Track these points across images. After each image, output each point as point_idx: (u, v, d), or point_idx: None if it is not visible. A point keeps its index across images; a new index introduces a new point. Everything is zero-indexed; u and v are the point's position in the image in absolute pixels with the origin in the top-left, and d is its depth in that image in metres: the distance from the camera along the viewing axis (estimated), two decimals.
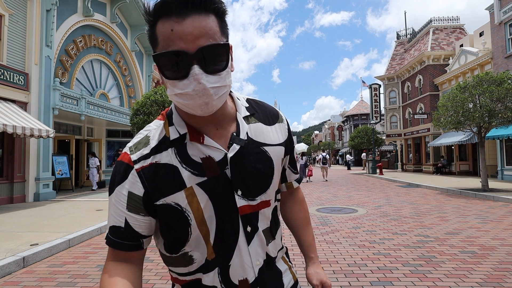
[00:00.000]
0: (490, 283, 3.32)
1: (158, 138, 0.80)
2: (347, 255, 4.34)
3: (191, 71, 0.67)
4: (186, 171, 0.77)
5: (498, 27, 16.33)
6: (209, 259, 0.81)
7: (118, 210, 0.77)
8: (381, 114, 30.20)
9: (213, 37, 0.68)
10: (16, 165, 9.59)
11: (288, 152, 0.94)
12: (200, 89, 0.68)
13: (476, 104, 10.73)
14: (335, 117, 66.55)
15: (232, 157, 0.79)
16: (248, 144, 0.82)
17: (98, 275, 3.73)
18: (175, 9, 0.66)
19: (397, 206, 8.53)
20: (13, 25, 9.70)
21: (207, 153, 0.78)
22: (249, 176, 0.81)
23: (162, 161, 0.78)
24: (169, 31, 0.67)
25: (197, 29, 0.66)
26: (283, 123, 0.94)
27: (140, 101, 11.10)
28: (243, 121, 0.84)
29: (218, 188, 0.78)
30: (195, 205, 0.77)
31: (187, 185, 0.77)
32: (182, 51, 0.66)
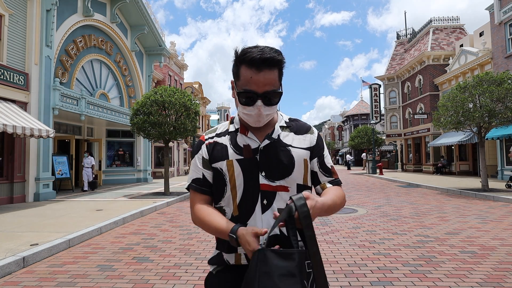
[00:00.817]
0: (490, 283, 3.32)
1: (222, 130, 1.25)
2: (347, 255, 4.33)
3: (256, 103, 1.08)
4: (231, 150, 1.17)
5: (498, 27, 16.33)
6: (234, 215, 1.15)
7: (197, 168, 1.21)
8: (381, 114, 30.19)
9: (274, 85, 1.09)
10: (16, 165, 9.59)
11: (315, 156, 1.21)
12: (258, 114, 1.10)
13: (476, 104, 10.73)
14: (335, 117, 66.54)
15: (262, 147, 1.15)
16: (276, 142, 1.17)
17: (98, 275, 3.73)
18: (256, 64, 1.05)
19: (397, 206, 8.53)
20: (13, 25, 9.70)
21: (247, 142, 1.17)
22: (272, 163, 1.14)
23: (219, 141, 1.21)
24: (249, 77, 1.07)
25: (266, 80, 1.07)
26: (313, 135, 1.24)
27: (140, 101, 11.09)
28: (278, 128, 1.20)
29: (249, 166, 1.14)
30: (231, 173, 1.15)
31: (230, 158, 1.16)
32: (254, 91, 1.08)
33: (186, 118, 11.04)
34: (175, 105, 10.73)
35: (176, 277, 3.64)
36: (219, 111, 48.23)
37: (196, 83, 31.73)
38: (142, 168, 17.76)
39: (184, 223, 6.64)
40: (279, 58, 1.08)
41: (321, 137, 1.26)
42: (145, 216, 7.72)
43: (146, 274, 3.73)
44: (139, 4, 15.85)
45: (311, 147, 1.21)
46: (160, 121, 10.62)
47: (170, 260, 4.26)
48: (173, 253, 4.58)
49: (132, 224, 6.71)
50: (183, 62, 28.13)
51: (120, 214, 7.14)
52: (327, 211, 1.05)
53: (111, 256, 4.48)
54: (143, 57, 18.40)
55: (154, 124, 10.63)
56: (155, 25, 17.43)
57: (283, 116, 1.27)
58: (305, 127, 1.25)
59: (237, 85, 1.12)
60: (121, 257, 4.40)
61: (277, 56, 1.08)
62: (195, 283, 3.45)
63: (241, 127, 1.20)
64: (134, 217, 7.28)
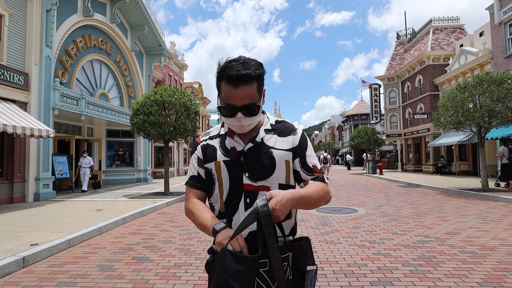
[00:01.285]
0: (490, 283, 3.32)
1: (214, 133, 1.37)
2: (347, 255, 4.33)
3: (237, 115, 1.17)
4: (220, 152, 1.28)
5: (498, 27, 16.32)
6: (221, 211, 1.27)
7: (194, 166, 1.35)
8: (381, 114, 30.18)
9: (252, 98, 1.17)
10: (16, 165, 9.59)
11: (297, 156, 1.28)
12: (239, 125, 1.20)
13: (476, 104, 10.72)
14: (335, 117, 66.55)
15: (246, 150, 1.25)
16: (259, 145, 1.25)
17: (98, 275, 3.73)
18: (233, 81, 1.14)
19: (397, 206, 8.53)
20: (13, 25, 9.70)
21: (234, 145, 1.27)
22: (254, 165, 1.23)
23: (211, 143, 1.33)
24: (228, 92, 1.16)
25: (244, 95, 1.15)
26: (295, 136, 1.30)
27: (140, 101, 11.09)
28: (263, 131, 1.28)
29: (234, 167, 1.25)
30: (219, 173, 1.27)
31: (218, 159, 1.27)
32: (234, 105, 1.17)
33: (186, 118, 11.04)
34: (175, 105, 10.73)
35: (176, 277, 3.64)
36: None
37: (196, 83, 31.73)
38: (142, 168, 17.76)
39: (184, 223, 6.64)
40: (255, 74, 1.14)
41: (305, 137, 1.32)
42: (145, 216, 7.72)
43: (146, 274, 3.73)
44: (139, 4, 15.85)
45: (293, 148, 1.28)
46: (160, 121, 10.62)
47: (170, 260, 4.26)
48: (173, 253, 4.58)
49: (132, 224, 6.71)
50: (183, 62, 28.12)
51: (120, 214, 7.14)
52: (301, 201, 1.12)
53: (111, 256, 4.48)
54: (143, 57, 18.39)
55: (154, 124, 10.62)
56: (155, 25, 17.43)
57: (270, 119, 1.33)
58: (289, 129, 1.32)
59: (219, 97, 1.22)
60: (121, 257, 4.40)
61: (254, 72, 1.14)
62: (195, 283, 3.45)
63: (229, 131, 1.30)
64: (134, 217, 7.28)
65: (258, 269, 1.05)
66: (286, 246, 1.12)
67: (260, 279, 1.05)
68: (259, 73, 1.16)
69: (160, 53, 18.69)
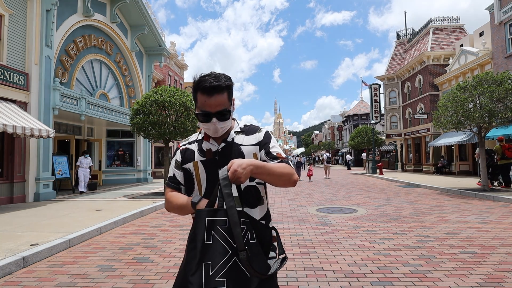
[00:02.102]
0: (490, 283, 3.32)
1: (193, 139, 1.58)
2: (347, 255, 4.33)
3: (212, 120, 1.39)
4: (197, 153, 1.49)
5: (498, 27, 16.32)
6: None
7: (172, 168, 1.55)
8: (381, 114, 30.16)
9: (224, 105, 1.39)
10: (16, 165, 9.59)
11: (262, 148, 1.48)
12: (214, 128, 1.41)
13: (476, 104, 10.72)
14: (335, 117, 66.52)
15: (220, 149, 1.47)
16: (230, 144, 1.48)
17: (98, 275, 3.73)
18: (207, 91, 1.36)
19: (397, 206, 8.53)
20: (13, 25, 9.70)
21: (209, 146, 1.49)
22: (227, 161, 1.33)
23: (190, 147, 1.54)
24: (203, 101, 1.38)
25: (217, 102, 1.37)
26: (260, 133, 1.54)
27: (140, 101, 11.09)
28: (233, 133, 1.51)
29: (210, 165, 1.45)
30: (196, 171, 1.48)
31: (195, 160, 1.48)
32: (209, 112, 1.38)
33: (186, 118, 11.04)
34: (175, 105, 10.73)
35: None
36: None
37: None
38: (142, 168, 17.76)
39: (184, 223, 6.64)
40: (225, 85, 1.38)
41: (269, 134, 1.55)
42: (145, 216, 7.72)
43: (146, 274, 3.73)
44: (139, 4, 15.85)
45: (259, 142, 1.49)
46: (160, 121, 10.62)
47: (170, 260, 4.26)
48: (173, 253, 4.58)
49: (132, 224, 6.71)
50: (183, 62, 28.12)
51: (120, 214, 7.14)
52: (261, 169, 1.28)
53: (111, 256, 4.48)
54: (143, 57, 18.39)
55: (154, 124, 10.62)
56: (155, 25, 17.43)
57: (239, 124, 1.58)
58: (255, 129, 1.56)
59: (196, 106, 1.43)
60: (121, 257, 4.40)
61: (224, 83, 1.37)
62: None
63: (205, 135, 1.52)
64: (134, 217, 7.28)
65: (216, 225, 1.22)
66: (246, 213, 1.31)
67: (217, 233, 1.21)
68: (228, 84, 1.40)
69: (160, 53, 18.69)
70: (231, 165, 1.23)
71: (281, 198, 10.55)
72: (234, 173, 1.20)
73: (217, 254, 1.18)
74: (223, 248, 1.19)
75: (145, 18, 16.47)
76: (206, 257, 1.18)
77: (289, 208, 8.47)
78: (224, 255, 1.18)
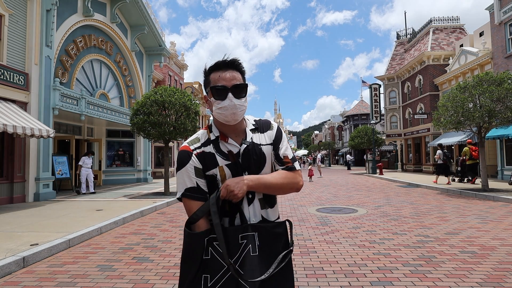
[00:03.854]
0: (490, 283, 3.32)
1: (204, 139, 1.39)
2: (347, 255, 4.33)
3: (228, 96, 1.29)
4: (219, 157, 1.34)
5: (498, 27, 16.32)
6: (227, 209, 1.34)
7: (190, 178, 1.32)
8: (381, 114, 30.18)
9: (240, 81, 1.32)
10: (16, 165, 9.59)
11: (273, 149, 1.41)
12: (231, 105, 1.29)
13: (476, 104, 10.72)
14: (335, 117, 66.51)
15: (242, 151, 1.35)
16: (251, 145, 1.37)
17: (98, 275, 3.73)
18: (221, 67, 1.31)
19: (397, 206, 8.53)
20: (13, 25, 9.70)
21: (229, 148, 1.35)
22: (250, 163, 1.34)
23: (207, 150, 1.35)
24: (217, 77, 1.31)
25: (232, 76, 1.31)
26: (272, 130, 1.45)
27: (140, 101, 11.09)
28: (249, 132, 1.41)
29: (235, 168, 1.33)
30: (223, 177, 1.33)
31: (220, 165, 1.33)
32: (224, 86, 1.30)
33: (186, 118, 11.04)
34: (175, 105, 10.73)
35: (176, 277, 3.64)
36: None
37: (196, 83, 31.73)
38: (142, 168, 17.76)
39: (184, 223, 6.64)
40: (239, 62, 1.34)
41: (280, 131, 1.46)
42: (145, 216, 7.71)
43: (146, 274, 3.73)
44: (139, 4, 15.85)
45: (272, 141, 1.42)
46: (160, 121, 10.62)
47: (170, 260, 4.26)
48: (173, 253, 4.58)
49: (132, 224, 6.71)
50: (183, 62, 28.12)
51: (120, 214, 7.14)
52: (258, 182, 1.29)
53: (111, 256, 4.48)
54: (143, 57, 18.39)
55: (154, 124, 10.62)
56: (155, 25, 17.43)
57: (249, 120, 1.46)
58: (267, 124, 1.46)
59: (208, 92, 1.36)
60: (121, 257, 4.40)
61: (238, 62, 1.33)
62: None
63: (221, 134, 1.37)
64: (134, 217, 7.28)
65: (212, 242, 1.26)
66: (250, 226, 1.30)
67: (213, 249, 1.26)
68: (242, 67, 1.35)
69: (160, 53, 18.69)
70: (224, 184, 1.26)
71: (281, 198, 10.55)
72: (226, 187, 1.24)
73: (215, 267, 1.25)
74: (219, 263, 1.24)
75: (145, 18, 16.47)
76: (205, 270, 1.26)
77: (289, 208, 8.47)
78: (221, 268, 1.24)
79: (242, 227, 1.29)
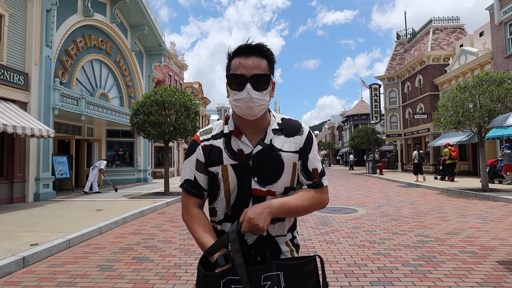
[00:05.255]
0: (490, 283, 3.32)
1: (217, 131, 1.23)
2: (347, 255, 4.33)
3: (246, 86, 1.10)
4: (226, 154, 1.18)
5: (498, 27, 16.32)
6: (228, 214, 1.20)
7: (190, 170, 1.23)
8: (381, 114, 30.17)
9: (263, 70, 1.12)
10: (16, 165, 9.59)
11: (300, 159, 1.21)
12: (248, 97, 1.10)
13: (476, 104, 10.72)
14: (335, 117, 66.52)
15: (255, 153, 1.16)
16: (268, 148, 1.17)
17: (98, 275, 3.73)
18: (244, 52, 1.12)
19: (397, 206, 8.53)
20: (13, 25, 9.70)
21: (241, 147, 1.18)
22: (263, 169, 1.16)
23: (215, 144, 1.20)
24: (238, 63, 1.12)
25: (254, 64, 1.11)
26: (302, 136, 1.23)
27: (140, 101, 11.09)
28: (271, 132, 1.20)
29: (242, 171, 1.16)
30: (225, 177, 1.17)
31: (224, 163, 1.17)
32: (243, 74, 1.10)
33: (186, 118, 11.04)
34: (175, 105, 10.73)
35: (176, 277, 3.64)
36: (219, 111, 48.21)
37: (196, 83, 31.73)
38: (142, 168, 17.76)
39: (184, 223, 6.64)
40: (266, 49, 1.13)
41: (311, 137, 1.25)
42: (145, 216, 7.71)
43: (146, 274, 3.73)
44: (139, 4, 15.85)
45: (300, 149, 1.21)
46: (160, 121, 10.62)
47: (170, 260, 4.26)
48: (173, 253, 4.58)
49: (132, 224, 6.71)
50: (183, 62, 28.13)
51: (120, 214, 7.14)
52: (281, 209, 1.12)
53: (111, 256, 4.48)
54: (143, 57, 18.39)
55: (154, 124, 10.63)
56: (155, 25, 17.43)
57: (276, 118, 1.25)
58: (296, 128, 1.24)
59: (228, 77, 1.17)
60: (121, 257, 4.40)
61: (265, 47, 1.13)
62: (195, 283, 3.44)
63: (235, 129, 1.20)
64: (134, 217, 7.28)
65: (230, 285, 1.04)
66: (275, 265, 1.08)
67: None
68: (270, 53, 1.14)
69: (160, 53, 18.69)
70: (244, 214, 1.08)
71: None
72: (249, 221, 1.06)
73: None
74: None
75: (145, 18, 16.47)
76: None
77: None
78: None
79: (265, 266, 1.08)
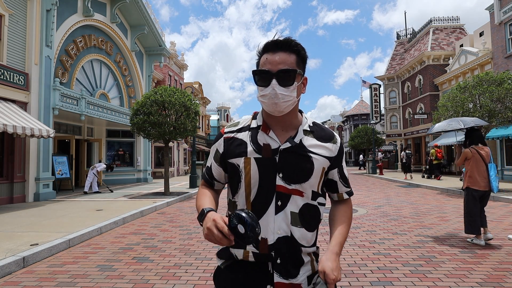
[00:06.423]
0: (490, 283, 3.32)
1: (243, 125, 1.24)
2: (347, 255, 4.34)
3: (271, 82, 1.09)
4: (251, 147, 1.16)
5: (498, 27, 16.32)
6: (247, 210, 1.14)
7: (210, 158, 1.29)
8: (381, 114, 30.19)
9: (289, 65, 1.10)
10: (16, 165, 9.59)
11: (335, 167, 1.23)
12: (273, 93, 1.09)
13: (476, 104, 10.72)
14: (335, 117, 66.49)
15: (282, 149, 1.14)
16: (298, 146, 1.15)
17: (98, 275, 3.73)
18: (271, 48, 1.12)
19: (397, 206, 8.53)
20: (13, 25, 9.70)
21: (268, 141, 1.16)
22: (291, 167, 1.13)
23: (239, 137, 1.20)
24: (265, 59, 1.12)
25: (280, 59, 1.10)
26: (335, 144, 1.23)
27: (140, 101, 11.09)
28: (301, 131, 1.19)
29: (267, 165, 1.14)
30: (247, 170, 1.15)
31: (248, 156, 1.16)
32: (268, 70, 1.10)
33: (186, 118, 11.04)
34: (175, 105, 10.73)
35: (176, 277, 3.64)
36: (219, 111, 48.19)
37: (196, 83, 31.74)
38: (142, 168, 17.76)
39: (184, 223, 6.64)
40: (295, 44, 1.12)
41: (343, 147, 1.29)
42: (145, 216, 7.71)
43: (146, 274, 3.73)
44: (139, 4, 15.85)
45: (333, 157, 1.21)
46: (160, 121, 10.62)
47: (170, 260, 4.26)
48: (173, 253, 4.58)
49: (132, 224, 6.71)
50: (183, 62, 28.13)
51: (120, 214, 7.14)
52: (342, 247, 1.23)
53: (111, 256, 4.48)
54: (143, 57, 18.39)
55: (154, 124, 10.63)
56: (155, 25, 17.44)
57: (307, 120, 1.25)
58: (329, 135, 1.24)
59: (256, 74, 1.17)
60: (121, 257, 4.40)
61: (294, 42, 1.12)
62: (195, 283, 3.45)
63: (263, 124, 1.19)
64: (134, 217, 7.28)
65: None
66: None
67: None
68: (299, 48, 1.13)
69: (160, 53, 18.69)
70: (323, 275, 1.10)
71: None
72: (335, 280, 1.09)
73: None
74: None
75: (145, 18, 16.47)
76: None
77: None
78: None
79: None
